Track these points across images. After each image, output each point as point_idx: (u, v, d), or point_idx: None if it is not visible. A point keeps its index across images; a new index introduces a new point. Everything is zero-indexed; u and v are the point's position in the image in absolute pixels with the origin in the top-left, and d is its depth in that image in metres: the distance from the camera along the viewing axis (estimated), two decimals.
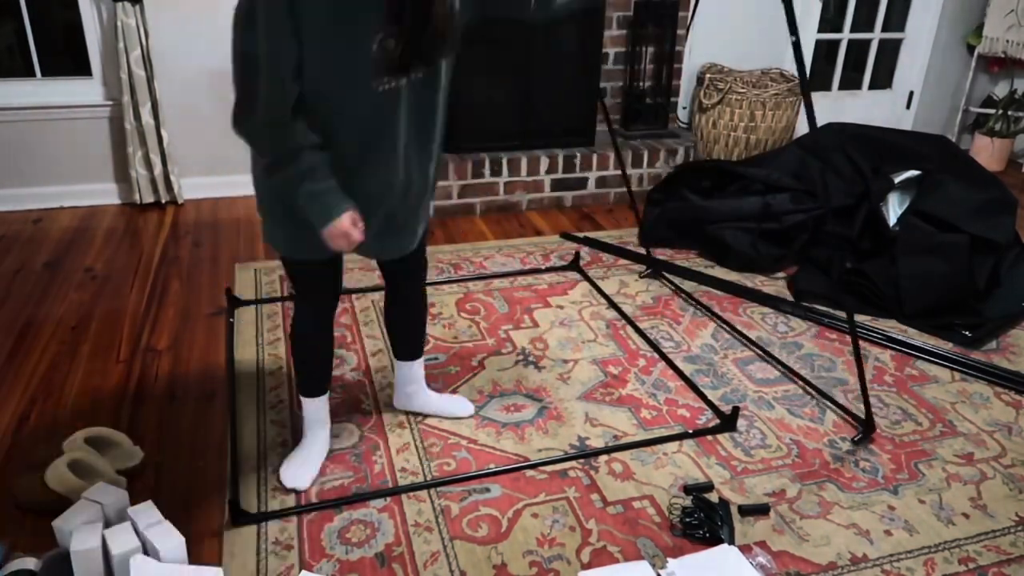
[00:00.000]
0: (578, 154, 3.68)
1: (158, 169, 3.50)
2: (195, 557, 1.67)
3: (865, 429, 2.12)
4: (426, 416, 2.14)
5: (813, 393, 2.31)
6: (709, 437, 2.10)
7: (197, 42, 3.45)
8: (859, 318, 2.75)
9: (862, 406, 2.26)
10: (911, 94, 4.72)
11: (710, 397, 2.27)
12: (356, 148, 1.56)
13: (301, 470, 1.89)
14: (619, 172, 3.77)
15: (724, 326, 2.68)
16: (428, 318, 2.54)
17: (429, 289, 2.86)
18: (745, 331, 2.65)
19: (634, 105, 3.92)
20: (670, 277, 2.99)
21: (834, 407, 2.25)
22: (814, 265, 3.04)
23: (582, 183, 3.75)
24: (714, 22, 4.18)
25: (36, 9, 3.34)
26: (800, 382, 2.37)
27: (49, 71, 3.45)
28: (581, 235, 3.39)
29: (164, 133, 3.45)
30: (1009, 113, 4.49)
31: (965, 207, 2.86)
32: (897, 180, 3.05)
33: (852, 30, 4.53)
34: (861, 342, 2.61)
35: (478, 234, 3.42)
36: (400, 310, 2.04)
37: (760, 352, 2.52)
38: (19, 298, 2.75)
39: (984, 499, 1.92)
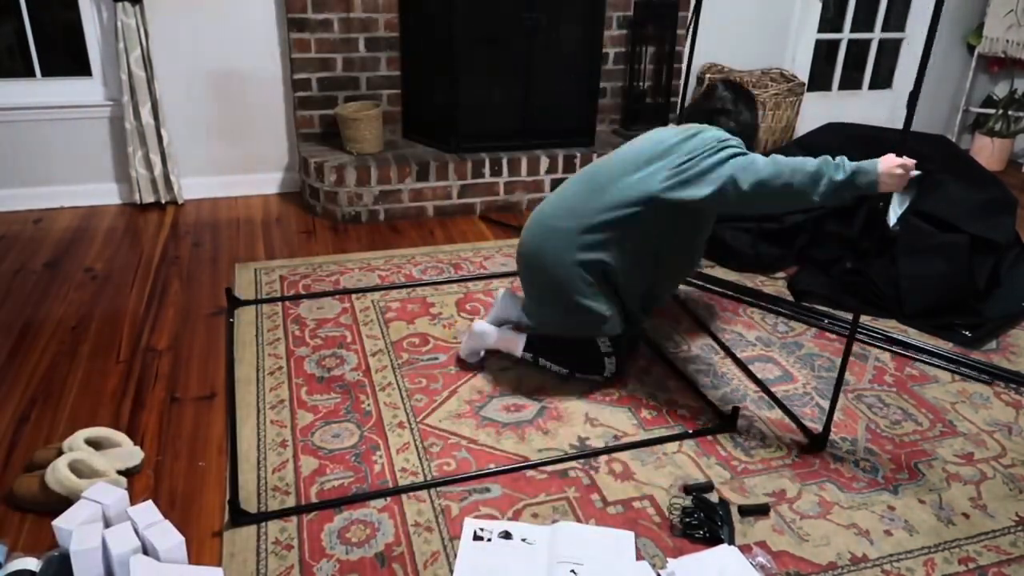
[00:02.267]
0: (578, 154, 3.68)
1: (158, 169, 3.50)
2: (195, 557, 1.67)
3: (813, 444, 2.08)
4: (426, 416, 2.15)
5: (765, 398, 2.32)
6: (709, 437, 2.10)
7: (197, 42, 3.45)
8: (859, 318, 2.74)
9: (863, 406, 2.26)
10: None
11: (710, 397, 2.27)
12: None
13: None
14: None
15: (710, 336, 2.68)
16: (430, 319, 2.57)
17: (429, 289, 2.87)
18: (745, 331, 2.65)
19: (634, 105, 3.92)
20: None
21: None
22: (814, 265, 3.04)
23: None
24: (714, 22, 4.19)
25: (36, 9, 3.34)
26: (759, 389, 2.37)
27: (49, 71, 3.45)
28: None
29: (164, 133, 3.45)
30: (1009, 113, 4.49)
31: (965, 207, 2.86)
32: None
33: (852, 30, 4.54)
34: (862, 341, 2.61)
35: (478, 234, 3.42)
36: None
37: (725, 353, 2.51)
38: (19, 298, 2.75)
39: (984, 499, 1.92)
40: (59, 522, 1.61)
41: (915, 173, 1.85)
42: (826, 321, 2.72)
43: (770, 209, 2.38)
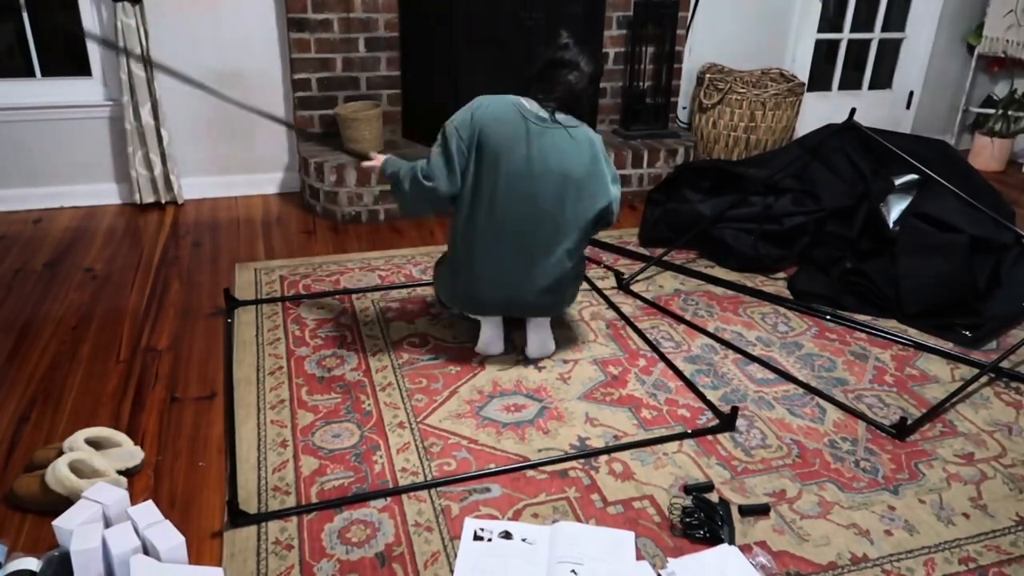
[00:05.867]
0: None
1: (158, 169, 3.50)
2: (195, 557, 1.67)
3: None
4: (426, 416, 2.15)
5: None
6: (709, 437, 2.10)
7: (197, 42, 3.44)
8: (859, 318, 2.75)
9: (863, 406, 2.27)
10: (911, 94, 4.72)
11: (710, 397, 2.27)
12: None
13: (492, 345, 2.42)
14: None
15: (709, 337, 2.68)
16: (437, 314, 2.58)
17: (429, 288, 2.87)
18: (745, 331, 2.65)
19: (634, 105, 3.92)
20: (636, 291, 2.93)
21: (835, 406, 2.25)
22: (814, 266, 3.04)
23: None
24: (714, 22, 4.19)
25: (36, 9, 3.34)
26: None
27: (49, 71, 3.45)
28: None
29: (164, 133, 3.45)
30: (1009, 113, 4.49)
31: (964, 216, 2.86)
32: (897, 182, 3.05)
33: (852, 30, 4.54)
34: (862, 341, 2.61)
35: None
36: None
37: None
38: (19, 298, 2.75)
39: (984, 499, 1.92)
40: (59, 522, 1.60)
41: (914, 177, 1.86)
42: (828, 318, 2.72)
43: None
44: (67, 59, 3.47)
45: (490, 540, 1.72)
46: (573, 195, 2.23)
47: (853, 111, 3.03)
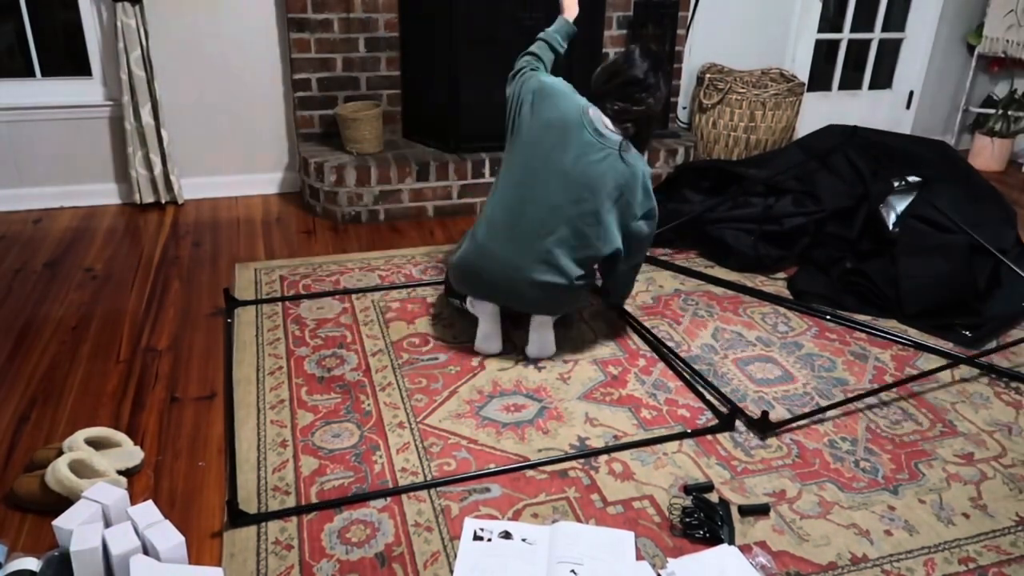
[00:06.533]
0: None
1: (158, 169, 3.50)
2: (195, 557, 1.68)
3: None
4: (426, 416, 2.15)
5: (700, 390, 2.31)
6: (709, 437, 2.10)
7: (197, 42, 3.44)
8: (859, 318, 2.75)
9: (862, 405, 2.27)
10: (911, 94, 4.73)
11: (710, 397, 2.27)
12: None
13: (489, 342, 2.41)
14: None
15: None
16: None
17: (429, 289, 2.87)
18: (745, 331, 2.65)
19: None
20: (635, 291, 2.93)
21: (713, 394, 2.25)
22: (814, 266, 3.04)
23: None
24: (714, 22, 4.19)
25: (36, 9, 3.34)
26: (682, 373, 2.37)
27: (49, 71, 3.45)
28: None
29: (164, 133, 3.45)
30: (1009, 113, 4.49)
31: (965, 218, 2.86)
32: (897, 183, 3.05)
33: (852, 30, 4.54)
34: (862, 341, 2.61)
35: None
36: None
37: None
38: (19, 298, 2.75)
39: (984, 499, 1.92)
40: (59, 522, 1.60)
41: (915, 179, 1.87)
42: (827, 318, 2.72)
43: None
44: (67, 59, 3.47)
45: (490, 540, 1.72)
46: (595, 217, 2.22)
47: (855, 128, 3.02)
